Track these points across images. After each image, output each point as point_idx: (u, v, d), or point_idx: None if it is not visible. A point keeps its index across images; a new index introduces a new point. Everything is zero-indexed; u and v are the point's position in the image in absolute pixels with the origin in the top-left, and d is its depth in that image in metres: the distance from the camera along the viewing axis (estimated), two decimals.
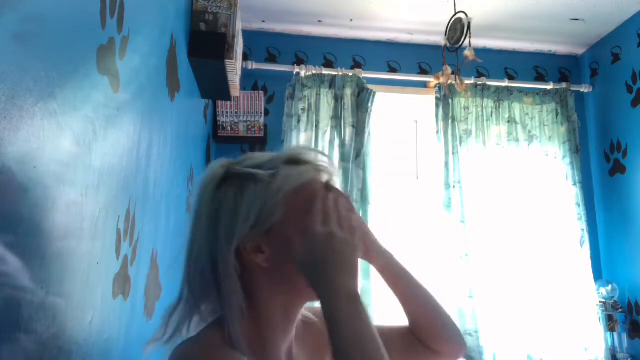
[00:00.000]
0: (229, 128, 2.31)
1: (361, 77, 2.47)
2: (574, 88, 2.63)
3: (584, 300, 2.29)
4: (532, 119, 2.56)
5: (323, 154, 0.79)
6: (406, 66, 2.65)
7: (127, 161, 1.03)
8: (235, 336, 0.67)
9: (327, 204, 0.71)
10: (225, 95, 1.97)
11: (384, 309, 2.12)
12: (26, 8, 0.60)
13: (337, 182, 0.79)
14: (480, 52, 2.52)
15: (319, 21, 2.51)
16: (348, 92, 2.44)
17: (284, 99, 2.42)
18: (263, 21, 2.52)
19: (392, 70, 2.64)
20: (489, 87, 2.54)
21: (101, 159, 0.87)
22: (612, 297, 2.32)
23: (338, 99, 2.41)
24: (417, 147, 2.71)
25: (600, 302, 2.31)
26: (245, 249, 0.70)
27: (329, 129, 2.39)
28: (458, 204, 2.37)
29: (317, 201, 0.71)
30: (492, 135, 2.50)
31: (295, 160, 0.75)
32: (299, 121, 2.38)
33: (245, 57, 2.49)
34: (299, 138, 2.36)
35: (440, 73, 2.13)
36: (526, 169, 2.47)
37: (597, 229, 2.56)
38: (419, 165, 2.68)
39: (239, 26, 1.80)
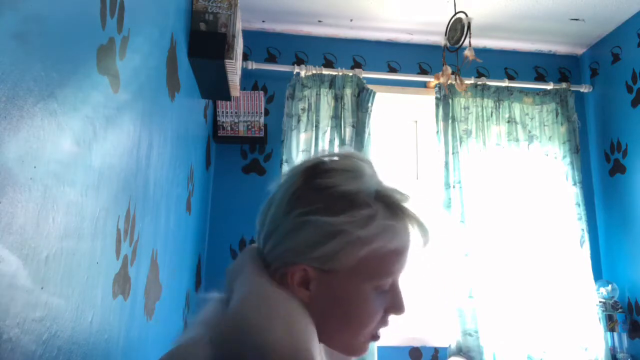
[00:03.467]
0: (229, 128, 2.31)
1: (361, 77, 2.47)
2: (574, 88, 2.63)
3: (584, 300, 2.29)
4: (532, 119, 2.56)
5: (421, 217, 0.68)
6: (406, 66, 2.65)
7: (127, 161, 1.03)
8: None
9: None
10: (225, 95, 1.97)
11: None
12: (26, 8, 0.60)
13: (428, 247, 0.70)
14: (480, 52, 2.53)
15: (319, 21, 2.51)
16: (348, 92, 2.44)
17: (284, 99, 2.42)
18: (263, 21, 2.52)
19: (392, 70, 2.64)
20: (489, 87, 2.54)
21: (101, 159, 0.87)
22: (612, 297, 2.31)
23: (338, 99, 2.41)
24: (417, 147, 2.71)
25: (600, 302, 2.31)
26: (291, 276, 0.64)
27: (329, 129, 2.39)
28: (458, 204, 2.37)
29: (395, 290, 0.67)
30: (492, 135, 2.50)
31: (393, 206, 0.65)
32: (299, 121, 2.38)
33: (245, 57, 2.49)
34: (299, 138, 2.37)
35: (440, 73, 2.13)
36: (526, 169, 2.47)
37: (597, 229, 2.56)
38: (419, 165, 2.68)
39: (239, 26, 1.80)
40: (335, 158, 0.69)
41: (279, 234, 0.65)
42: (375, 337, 0.68)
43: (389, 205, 0.65)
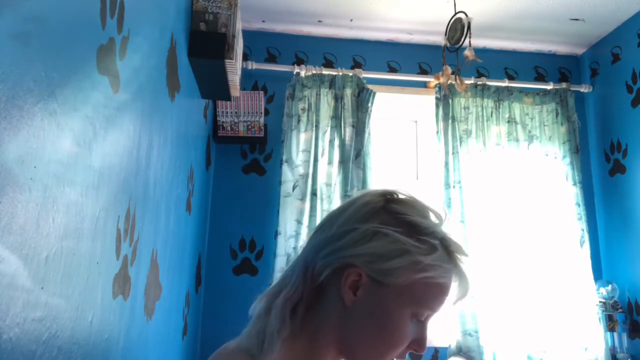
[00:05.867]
0: (229, 128, 2.31)
1: (361, 77, 2.47)
2: (574, 88, 2.63)
3: (584, 300, 2.29)
4: (532, 119, 2.56)
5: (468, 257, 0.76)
6: (406, 66, 2.65)
7: (127, 161, 1.03)
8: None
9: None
10: (225, 95, 1.97)
11: None
12: (26, 8, 0.60)
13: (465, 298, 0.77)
14: (480, 52, 2.52)
15: (319, 21, 2.51)
16: (348, 92, 2.44)
17: (284, 99, 2.42)
18: (263, 21, 2.52)
19: (392, 70, 2.64)
20: (489, 87, 2.54)
21: (101, 159, 0.87)
22: (612, 297, 2.32)
23: (338, 99, 2.41)
24: (417, 147, 2.71)
25: (600, 302, 2.31)
26: (347, 276, 0.69)
27: (329, 129, 2.39)
28: (458, 204, 2.37)
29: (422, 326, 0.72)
30: (492, 135, 2.50)
31: (451, 253, 0.72)
32: (299, 121, 2.38)
33: (245, 57, 2.49)
34: (299, 138, 2.37)
35: (440, 73, 2.13)
36: (526, 169, 2.47)
37: (597, 229, 2.56)
38: (419, 165, 2.68)
39: (239, 26, 1.80)
40: (412, 197, 0.77)
41: (353, 237, 0.70)
42: None
43: (447, 249, 0.72)
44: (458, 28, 2.01)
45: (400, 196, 0.75)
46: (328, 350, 0.72)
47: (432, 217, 0.74)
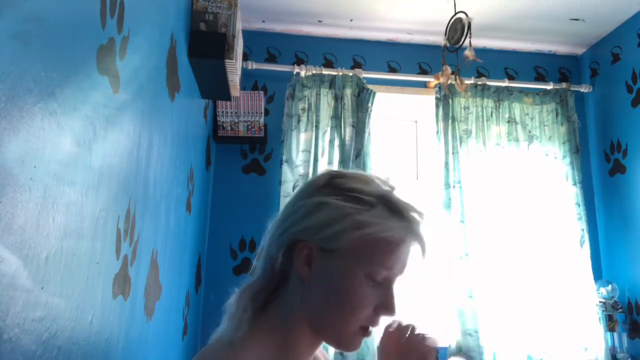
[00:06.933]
0: (229, 128, 2.31)
1: (361, 77, 2.47)
2: (574, 88, 2.63)
3: (584, 300, 2.29)
4: (532, 119, 2.56)
5: (425, 215, 0.76)
6: (406, 66, 2.65)
7: (127, 161, 1.03)
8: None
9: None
10: (225, 95, 1.97)
11: None
12: (26, 8, 0.60)
13: (425, 254, 0.77)
14: (480, 52, 2.52)
15: (319, 21, 2.51)
16: (348, 92, 2.44)
17: (284, 99, 2.42)
18: (263, 21, 2.52)
19: (392, 70, 2.64)
20: (489, 87, 2.54)
21: (101, 159, 0.87)
22: (612, 297, 2.32)
23: (338, 99, 2.41)
24: (417, 147, 2.71)
25: (600, 302, 2.31)
26: (299, 252, 0.73)
27: (329, 129, 2.39)
28: (458, 204, 2.36)
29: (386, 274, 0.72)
30: (492, 135, 2.50)
31: (394, 208, 0.73)
32: (299, 121, 2.38)
33: (245, 57, 2.49)
34: (299, 138, 2.37)
35: (440, 73, 2.13)
36: (526, 169, 2.47)
37: (597, 229, 2.56)
38: (419, 165, 2.68)
39: (239, 26, 1.80)
40: (357, 171, 0.81)
41: (300, 213, 0.74)
42: (366, 331, 0.73)
43: (391, 207, 0.73)
44: (458, 28, 2.01)
45: (345, 172, 0.79)
46: (302, 332, 0.74)
47: (376, 181, 0.76)
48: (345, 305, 0.70)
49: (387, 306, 0.72)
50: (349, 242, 0.70)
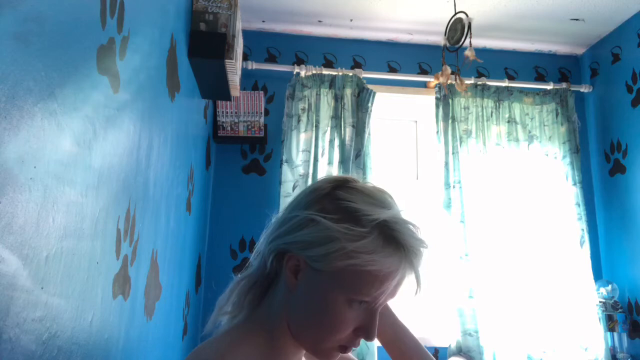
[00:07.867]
0: (229, 128, 2.31)
1: (361, 77, 2.47)
2: (574, 88, 2.63)
3: (584, 300, 2.29)
4: (532, 119, 2.56)
5: (425, 244, 0.71)
6: (406, 66, 2.65)
7: (127, 161, 1.03)
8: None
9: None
10: (225, 95, 1.97)
11: None
12: (26, 8, 0.60)
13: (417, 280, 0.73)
14: (480, 52, 2.53)
15: (319, 21, 2.51)
16: (348, 92, 2.44)
17: (284, 99, 2.42)
18: (263, 21, 2.52)
19: (392, 70, 2.64)
20: (489, 87, 2.54)
21: (101, 159, 0.87)
22: (612, 297, 2.31)
23: (338, 99, 2.41)
24: (417, 147, 2.71)
25: (600, 302, 2.31)
26: (287, 260, 0.73)
27: (329, 129, 2.39)
28: (458, 204, 2.36)
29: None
30: (492, 135, 2.50)
31: (391, 238, 0.69)
32: (299, 121, 2.38)
33: (245, 57, 2.49)
34: (299, 138, 2.37)
35: (440, 73, 2.13)
36: (526, 169, 2.47)
37: (597, 229, 2.56)
38: (419, 165, 2.68)
39: (239, 26, 1.80)
40: (368, 184, 0.77)
41: (292, 224, 0.73)
42: (343, 349, 0.72)
43: (387, 236, 0.69)
44: (458, 28, 2.01)
45: (355, 184, 0.75)
46: (284, 332, 0.75)
47: (385, 205, 0.71)
48: (324, 325, 0.70)
49: (367, 332, 0.71)
50: (333, 267, 0.68)
